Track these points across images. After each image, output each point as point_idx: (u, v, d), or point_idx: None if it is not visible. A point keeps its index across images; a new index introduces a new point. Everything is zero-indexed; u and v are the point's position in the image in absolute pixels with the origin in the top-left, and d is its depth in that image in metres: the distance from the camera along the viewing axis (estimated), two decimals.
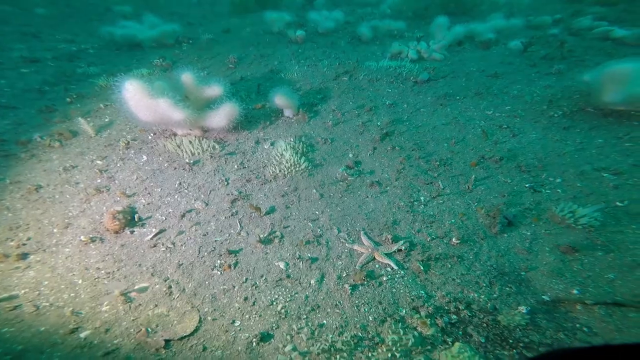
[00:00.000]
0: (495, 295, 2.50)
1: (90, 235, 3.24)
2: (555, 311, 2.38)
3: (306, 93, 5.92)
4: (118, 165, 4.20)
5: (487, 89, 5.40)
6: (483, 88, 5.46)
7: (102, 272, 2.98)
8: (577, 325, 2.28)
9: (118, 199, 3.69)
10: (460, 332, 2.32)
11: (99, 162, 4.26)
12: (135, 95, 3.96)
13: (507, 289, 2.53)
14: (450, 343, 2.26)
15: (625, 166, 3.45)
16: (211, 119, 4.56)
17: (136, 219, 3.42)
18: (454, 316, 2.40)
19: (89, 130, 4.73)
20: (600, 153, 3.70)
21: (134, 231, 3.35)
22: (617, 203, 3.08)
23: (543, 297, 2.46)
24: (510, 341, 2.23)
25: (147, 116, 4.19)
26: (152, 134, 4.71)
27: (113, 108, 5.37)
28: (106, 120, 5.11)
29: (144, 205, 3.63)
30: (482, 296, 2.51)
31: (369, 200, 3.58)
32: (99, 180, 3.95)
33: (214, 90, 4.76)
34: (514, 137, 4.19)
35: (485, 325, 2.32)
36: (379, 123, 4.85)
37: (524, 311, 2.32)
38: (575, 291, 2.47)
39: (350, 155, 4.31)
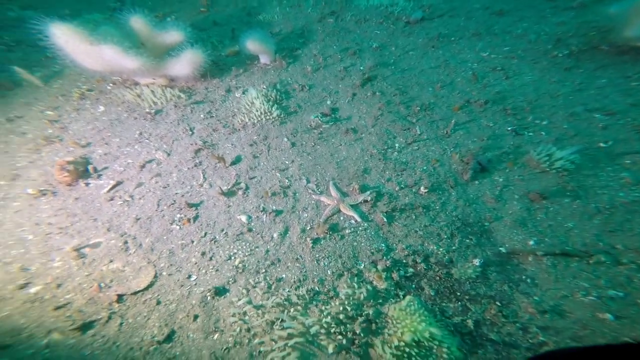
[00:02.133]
0: (454, 248, 2.25)
1: (40, 188, 2.87)
2: (508, 263, 2.17)
3: (287, 37, 5.08)
4: (72, 115, 3.67)
5: (488, 29, 4.56)
6: (483, 28, 4.61)
7: (55, 227, 2.66)
8: (524, 277, 2.10)
9: (71, 149, 3.25)
10: (414, 286, 2.10)
11: (49, 112, 3.72)
12: (69, 41, 3.27)
13: (467, 240, 2.28)
14: (401, 296, 2.04)
15: (623, 106, 3.00)
16: (173, 67, 3.92)
17: (90, 170, 3.01)
18: (411, 269, 2.16)
19: (34, 80, 4.09)
20: (600, 94, 3.19)
21: (89, 183, 2.97)
22: (601, 144, 2.73)
23: (500, 249, 2.23)
24: (458, 294, 2.04)
25: (94, 65, 3.57)
26: (111, 84, 4.07)
27: (62, 57, 4.64)
28: (56, 69, 4.41)
29: (100, 156, 3.20)
30: (441, 249, 2.25)
31: (342, 149, 3.12)
32: (50, 131, 3.46)
33: (174, 36, 4.02)
34: (507, 79, 3.56)
35: (438, 278, 2.11)
36: (361, 67, 4.17)
37: (477, 264, 2.11)
38: (531, 242, 2.23)
39: (328, 102, 3.74)
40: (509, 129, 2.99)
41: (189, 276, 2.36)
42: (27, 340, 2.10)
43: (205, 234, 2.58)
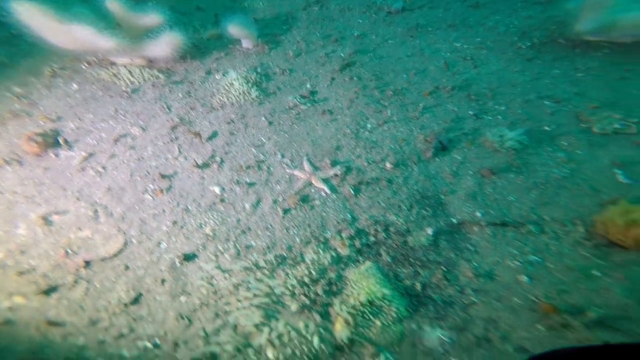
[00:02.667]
0: (412, 218, 2.36)
1: (5, 158, 2.78)
2: (457, 232, 2.29)
3: (271, 23, 5.07)
4: (43, 92, 3.56)
5: (463, 20, 4.71)
6: (459, 19, 4.76)
7: (20, 196, 2.59)
8: (468, 245, 2.22)
9: (42, 123, 3.15)
10: (373, 252, 2.20)
11: (17, 89, 3.59)
12: (33, 18, 3.16)
13: (424, 212, 2.38)
14: (362, 262, 2.14)
15: (569, 94, 3.21)
16: (151, 48, 3.88)
17: (61, 142, 2.94)
18: (372, 238, 2.26)
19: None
20: (552, 83, 3.38)
21: (59, 154, 2.89)
22: (546, 127, 2.91)
23: (452, 219, 2.34)
24: (411, 260, 2.15)
25: (66, 43, 3.47)
26: (86, 64, 3.96)
27: (29, 35, 4.47)
28: (23, 47, 4.19)
29: (72, 130, 3.12)
30: (401, 219, 2.35)
31: (317, 128, 3.17)
32: (17, 106, 3.36)
33: (152, 18, 3.96)
34: (475, 68, 3.71)
35: (395, 246, 2.21)
36: (342, 54, 4.23)
37: (430, 233, 2.22)
38: (479, 214, 2.35)
39: (308, 86, 3.78)
40: (471, 113, 3.13)
41: (159, 244, 2.36)
42: None
43: (178, 203, 2.58)
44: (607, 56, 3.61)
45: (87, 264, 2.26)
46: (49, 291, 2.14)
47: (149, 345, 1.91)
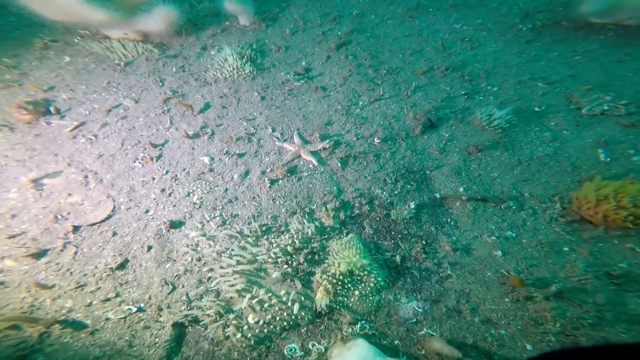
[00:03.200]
0: (396, 192, 2.29)
1: None
2: (439, 207, 2.22)
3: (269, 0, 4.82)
4: (33, 64, 3.44)
5: (466, 1, 4.46)
6: None
7: (11, 159, 2.51)
8: (449, 219, 2.16)
9: (32, 93, 3.04)
10: (357, 225, 2.14)
11: (6, 59, 3.47)
12: None
13: (409, 186, 2.32)
14: (345, 234, 2.08)
15: (562, 76, 3.08)
16: (145, 22, 3.68)
17: (52, 111, 2.83)
18: (357, 210, 2.19)
19: None
20: (548, 65, 3.24)
21: (50, 122, 2.80)
22: (536, 108, 2.81)
23: (435, 194, 2.28)
24: (393, 233, 2.09)
25: (54, 14, 3.30)
26: (79, 37, 3.79)
27: (14, 6, 4.21)
28: (12, 19, 4.05)
29: (64, 100, 3.01)
30: (385, 193, 2.29)
31: (310, 104, 3.05)
32: (7, 76, 3.24)
33: None
34: (472, 49, 3.55)
35: (378, 219, 2.15)
36: (339, 33, 4.02)
37: (412, 207, 2.15)
38: (462, 189, 2.28)
39: (303, 63, 3.61)
40: (463, 92, 3.02)
41: (147, 211, 2.30)
42: None
43: (167, 172, 2.50)
44: (609, 39, 3.41)
45: (76, 228, 2.21)
46: (38, 255, 2.10)
47: (133, 308, 1.88)
